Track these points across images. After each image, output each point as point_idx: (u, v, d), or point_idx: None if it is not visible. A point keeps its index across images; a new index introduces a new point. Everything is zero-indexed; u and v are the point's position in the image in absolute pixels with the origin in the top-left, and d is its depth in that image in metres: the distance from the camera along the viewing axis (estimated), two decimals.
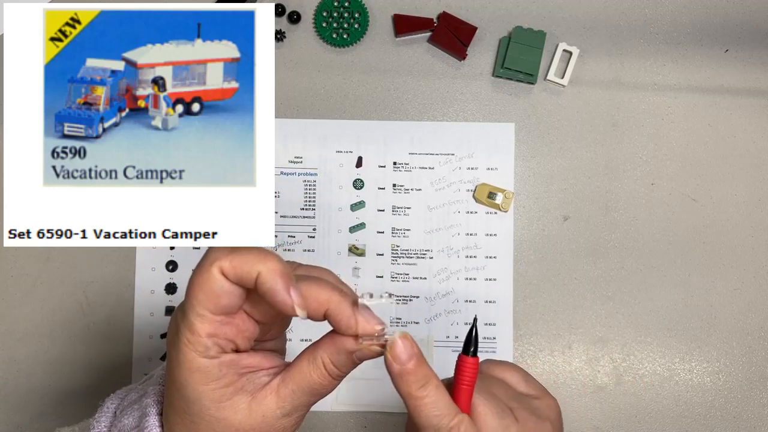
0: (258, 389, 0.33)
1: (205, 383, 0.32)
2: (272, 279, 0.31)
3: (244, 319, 0.33)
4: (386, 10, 0.59)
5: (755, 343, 0.57)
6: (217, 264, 0.31)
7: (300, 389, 0.34)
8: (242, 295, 0.32)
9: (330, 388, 0.35)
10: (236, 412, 0.33)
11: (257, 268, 0.31)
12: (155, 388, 0.36)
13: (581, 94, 0.59)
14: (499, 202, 0.57)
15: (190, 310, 0.31)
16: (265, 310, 0.33)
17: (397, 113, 0.59)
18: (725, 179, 0.58)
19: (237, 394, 0.33)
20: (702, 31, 0.59)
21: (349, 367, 0.35)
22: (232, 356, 0.33)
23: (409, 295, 0.57)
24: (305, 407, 0.35)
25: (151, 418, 0.34)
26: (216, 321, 0.32)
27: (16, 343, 0.57)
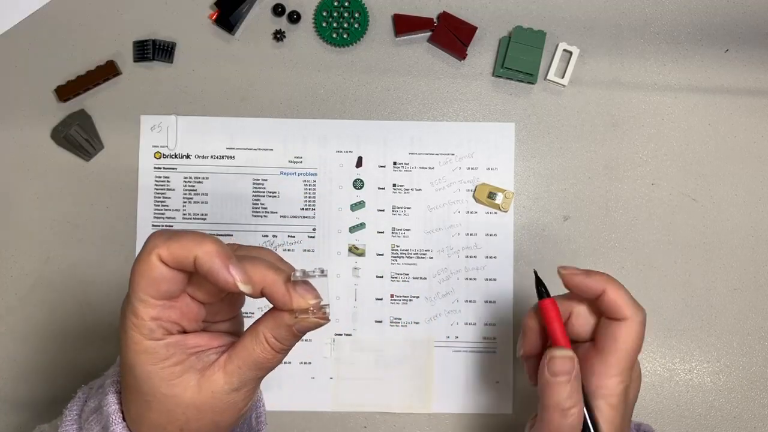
0: (206, 367, 0.35)
1: (153, 363, 0.34)
2: (210, 260, 0.32)
3: (188, 302, 0.35)
4: (386, 9, 0.59)
5: (755, 343, 0.57)
6: (155, 252, 0.33)
7: (246, 364, 0.35)
8: (183, 279, 0.34)
9: (275, 361, 0.36)
10: (186, 390, 0.34)
11: (194, 252, 0.32)
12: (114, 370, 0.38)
13: (581, 93, 0.59)
14: (499, 202, 0.57)
15: (134, 296, 0.33)
16: (208, 291, 0.35)
17: (397, 113, 0.59)
18: (725, 179, 0.58)
19: (186, 373, 0.34)
20: (702, 31, 0.59)
21: (291, 340, 0.36)
22: (178, 337, 0.34)
23: (409, 295, 0.57)
24: (253, 381, 0.36)
25: (109, 396, 0.36)
26: (158, 305, 0.33)
27: (16, 343, 0.57)
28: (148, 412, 0.35)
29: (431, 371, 0.57)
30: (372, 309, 0.57)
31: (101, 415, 0.36)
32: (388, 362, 0.57)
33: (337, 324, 0.57)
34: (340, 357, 0.57)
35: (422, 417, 0.57)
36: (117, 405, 0.36)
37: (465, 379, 0.57)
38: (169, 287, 0.34)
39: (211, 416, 0.35)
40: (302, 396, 0.57)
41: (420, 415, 0.57)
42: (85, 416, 0.38)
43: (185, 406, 0.34)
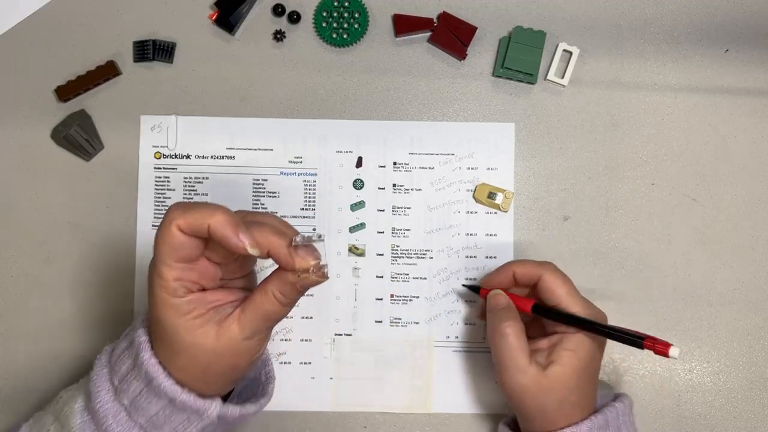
0: (223, 319, 0.41)
1: (178, 316, 0.40)
2: (222, 228, 0.38)
3: (206, 264, 0.41)
4: (386, 10, 0.59)
5: (755, 343, 0.57)
6: (174, 223, 0.38)
7: (257, 317, 0.41)
8: (199, 245, 0.40)
9: (282, 313, 0.42)
10: (206, 338, 0.40)
11: (207, 222, 0.38)
12: (142, 330, 0.42)
13: (581, 94, 0.59)
14: (499, 202, 0.57)
15: (158, 261, 0.39)
16: (222, 254, 0.41)
17: (397, 113, 0.59)
18: (725, 179, 0.58)
19: (206, 324, 0.40)
20: (702, 31, 0.59)
21: (295, 295, 0.41)
22: (198, 294, 0.40)
23: (409, 295, 0.57)
24: (264, 331, 0.42)
25: (139, 330, 0.42)
26: (179, 268, 0.39)
27: (16, 343, 0.57)
28: (175, 357, 0.40)
29: (431, 371, 0.57)
30: (372, 309, 0.57)
31: (132, 348, 0.42)
32: (388, 362, 0.57)
33: (337, 324, 0.57)
34: (340, 357, 0.57)
35: (422, 417, 0.57)
36: (146, 337, 0.42)
37: (465, 379, 0.57)
38: (188, 252, 0.39)
39: (228, 360, 0.41)
40: (302, 396, 0.57)
41: (420, 415, 0.57)
42: (115, 357, 0.43)
43: (206, 352, 0.40)
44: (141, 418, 0.42)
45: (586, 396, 0.48)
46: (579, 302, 0.48)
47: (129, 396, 0.42)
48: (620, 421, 0.48)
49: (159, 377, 0.40)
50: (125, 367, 0.42)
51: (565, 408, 0.47)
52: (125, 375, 0.42)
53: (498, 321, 0.49)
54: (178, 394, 0.41)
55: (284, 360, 0.57)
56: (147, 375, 0.41)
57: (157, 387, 0.41)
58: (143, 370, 0.41)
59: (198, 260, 0.40)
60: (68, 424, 0.43)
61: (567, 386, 0.47)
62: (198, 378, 0.41)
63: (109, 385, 0.42)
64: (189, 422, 0.42)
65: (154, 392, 0.41)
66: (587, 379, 0.48)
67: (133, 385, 0.41)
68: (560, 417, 0.47)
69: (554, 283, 0.49)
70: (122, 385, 0.42)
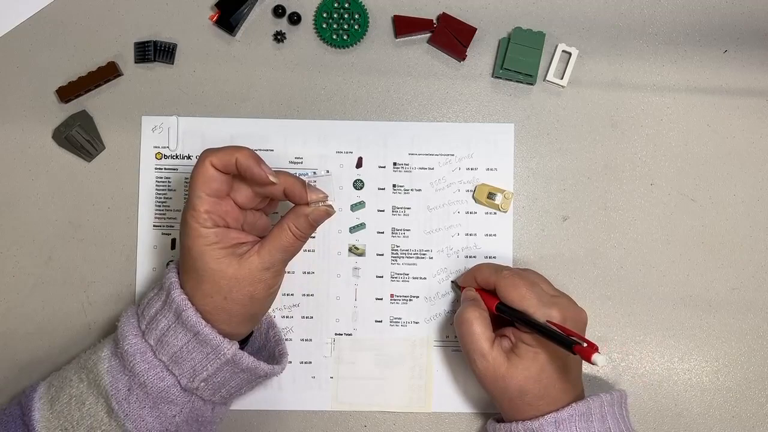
0: (244, 253, 0.47)
1: (206, 245, 0.46)
2: (246, 160, 0.46)
3: (232, 204, 0.48)
4: (386, 11, 0.59)
5: (754, 342, 0.57)
6: (208, 159, 0.46)
7: (275, 249, 0.47)
8: (228, 181, 0.47)
9: (296, 246, 0.48)
10: (229, 267, 0.46)
11: (235, 156, 0.46)
12: (173, 273, 0.48)
13: (580, 94, 0.59)
14: (499, 202, 0.57)
15: (193, 195, 0.46)
16: (246, 195, 0.48)
17: (397, 113, 0.59)
18: (724, 179, 0.58)
19: (229, 255, 0.46)
20: (701, 32, 0.59)
21: (308, 228, 0.48)
22: (224, 229, 0.47)
23: (409, 295, 0.58)
24: (280, 263, 0.48)
25: (170, 273, 0.48)
26: (210, 200, 0.46)
27: (16, 343, 0.58)
28: (201, 284, 0.46)
29: (431, 371, 0.57)
30: (372, 309, 0.58)
31: (161, 291, 0.48)
32: (388, 362, 0.57)
33: (337, 324, 0.57)
34: (340, 356, 0.57)
35: (422, 416, 0.57)
36: (176, 278, 0.48)
37: (464, 379, 0.57)
38: (218, 186, 0.46)
39: (247, 287, 0.47)
40: (302, 395, 0.57)
41: (420, 415, 0.57)
42: (143, 306, 0.49)
43: (228, 279, 0.46)
44: (165, 356, 0.46)
45: (552, 391, 0.49)
46: (533, 305, 0.48)
47: (156, 334, 0.47)
48: (605, 411, 0.49)
49: (188, 310, 0.46)
50: (154, 309, 0.48)
51: (529, 398, 0.48)
52: (154, 316, 0.47)
53: (463, 310, 0.51)
54: (202, 326, 0.46)
55: None
56: (176, 309, 0.46)
57: (185, 320, 0.46)
58: (173, 305, 0.46)
59: (225, 198, 0.47)
60: (95, 370, 0.48)
61: (528, 377, 0.48)
62: (220, 307, 0.46)
63: (137, 329, 0.48)
64: (207, 360, 0.46)
65: (182, 325, 0.46)
66: (551, 374, 0.49)
67: (162, 322, 0.47)
68: (525, 406, 0.49)
69: (506, 290, 0.50)
70: (150, 325, 0.47)
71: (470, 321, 0.50)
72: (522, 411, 0.49)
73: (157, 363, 0.47)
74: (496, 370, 0.49)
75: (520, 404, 0.49)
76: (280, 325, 0.57)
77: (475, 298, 0.52)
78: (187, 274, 0.47)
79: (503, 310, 0.50)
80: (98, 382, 0.47)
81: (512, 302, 0.49)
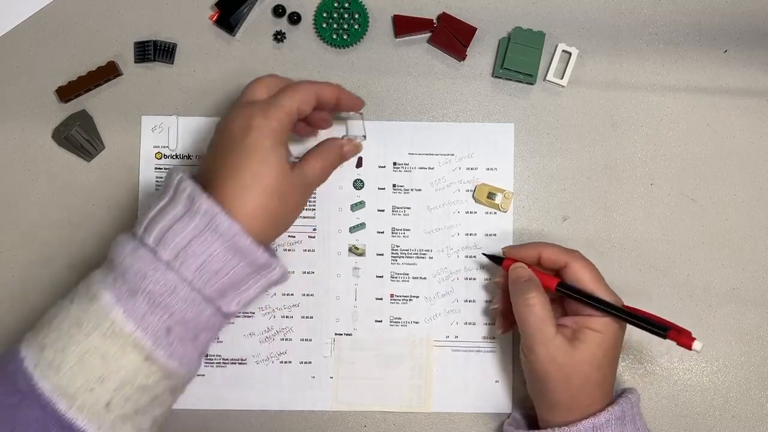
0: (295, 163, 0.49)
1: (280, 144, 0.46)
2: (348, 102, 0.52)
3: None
4: (386, 10, 0.59)
5: (754, 342, 0.57)
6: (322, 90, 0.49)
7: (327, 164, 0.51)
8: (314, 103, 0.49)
9: (329, 172, 0.51)
10: (292, 173, 0.47)
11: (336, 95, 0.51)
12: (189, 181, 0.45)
13: (580, 94, 0.59)
14: (499, 202, 0.57)
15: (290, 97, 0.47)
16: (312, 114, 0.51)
17: (397, 113, 0.59)
18: (724, 179, 0.58)
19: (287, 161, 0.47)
20: (701, 32, 0.59)
21: (336, 159, 0.52)
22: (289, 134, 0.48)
23: (409, 295, 0.58)
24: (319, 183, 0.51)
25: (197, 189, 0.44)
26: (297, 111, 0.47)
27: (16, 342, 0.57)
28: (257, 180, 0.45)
29: (431, 371, 0.57)
30: (372, 309, 0.58)
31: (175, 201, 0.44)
32: (388, 362, 0.57)
33: (337, 324, 0.57)
34: (340, 356, 0.57)
35: (422, 416, 0.57)
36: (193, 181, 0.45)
37: (465, 379, 0.57)
38: (308, 108, 0.48)
39: (299, 197, 0.49)
40: (302, 395, 0.57)
41: (420, 415, 0.57)
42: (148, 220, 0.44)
43: (289, 183, 0.46)
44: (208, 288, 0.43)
45: (607, 380, 0.49)
46: (603, 288, 0.49)
47: (175, 247, 0.43)
48: (634, 412, 0.49)
49: (237, 234, 0.43)
50: (168, 219, 0.43)
51: (588, 387, 0.48)
52: (169, 226, 0.43)
53: (522, 292, 0.49)
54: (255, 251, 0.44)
55: (284, 360, 0.57)
56: (207, 214, 0.43)
57: (237, 243, 0.43)
58: (201, 210, 0.43)
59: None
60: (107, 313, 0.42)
61: (592, 363, 0.47)
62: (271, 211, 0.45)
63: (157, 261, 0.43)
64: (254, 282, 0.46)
65: (232, 250, 0.43)
66: (610, 362, 0.49)
67: (183, 233, 0.43)
68: (583, 395, 0.48)
69: (580, 270, 0.49)
70: (167, 235, 0.43)
71: (534, 305, 0.48)
72: (577, 400, 0.48)
73: (199, 297, 0.43)
74: (561, 358, 0.47)
75: (578, 393, 0.48)
76: (280, 325, 0.57)
77: (532, 278, 0.50)
78: (235, 168, 0.45)
79: (570, 292, 0.49)
80: (121, 330, 0.42)
81: (584, 284, 0.49)
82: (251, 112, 0.46)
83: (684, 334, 0.46)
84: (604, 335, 0.48)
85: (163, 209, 0.44)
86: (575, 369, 0.47)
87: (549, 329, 0.48)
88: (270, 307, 0.57)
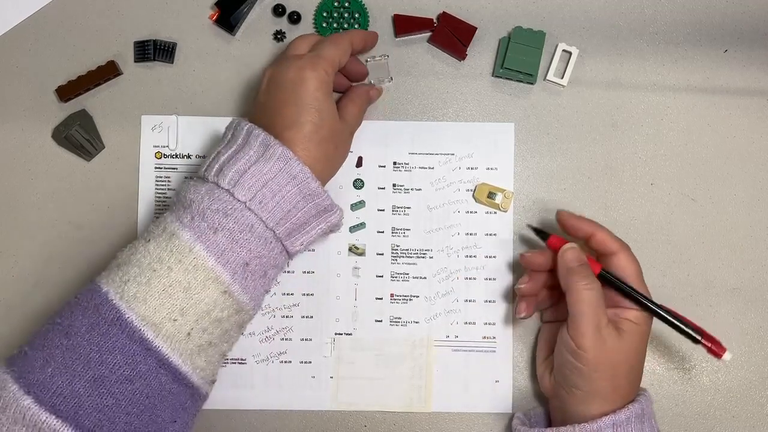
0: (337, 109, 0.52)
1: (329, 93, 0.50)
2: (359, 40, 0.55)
3: None
4: (386, 10, 0.59)
5: (754, 342, 0.57)
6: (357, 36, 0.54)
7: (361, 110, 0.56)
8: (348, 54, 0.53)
9: (361, 120, 0.56)
10: (339, 118, 0.51)
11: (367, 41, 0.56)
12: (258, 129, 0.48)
13: (581, 94, 0.59)
14: (499, 202, 0.57)
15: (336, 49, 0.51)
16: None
17: (397, 113, 0.59)
18: (724, 179, 0.58)
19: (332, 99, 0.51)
20: (701, 32, 0.59)
21: (366, 103, 0.56)
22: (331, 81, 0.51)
23: (409, 294, 0.58)
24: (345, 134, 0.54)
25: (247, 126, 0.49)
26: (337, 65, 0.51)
27: (16, 343, 0.57)
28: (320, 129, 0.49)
29: (431, 370, 0.57)
30: (372, 308, 0.58)
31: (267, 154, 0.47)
32: (388, 361, 0.57)
33: (337, 323, 0.57)
34: (340, 356, 0.57)
35: (422, 416, 0.57)
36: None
37: (465, 379, 0.57)
38: (346, 57, 0.53)
39: (347, 143, 0.54)
40: (302, 395, 0.57)
41: (420, 414, 0.57)
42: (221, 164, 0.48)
43: (340, 128, 0.51)
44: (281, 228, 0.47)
45: (637, 374, 0.50)
46: (643, 286, 0.50)
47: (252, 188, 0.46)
48: (651, 410, 0.50)
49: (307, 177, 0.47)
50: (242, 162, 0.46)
51: (632, 376, 0.49)
52: (245, 169, 0.46)
53: (581, 277, 0.49)
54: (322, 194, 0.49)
55: (284, 359, 0.57)
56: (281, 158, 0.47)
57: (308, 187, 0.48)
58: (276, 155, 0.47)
59: None
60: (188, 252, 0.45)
61: (634, 353, 0.49)
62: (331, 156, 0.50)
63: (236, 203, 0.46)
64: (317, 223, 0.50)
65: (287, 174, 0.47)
66: (639, 357, 0.50)
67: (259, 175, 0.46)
68: (626, 384, 0.49)
69: (628, 263, 0.50)
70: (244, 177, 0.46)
71: (593, 289, 0.48)
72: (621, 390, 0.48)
73: (272, 235, 0.47)
74: (611, 344, 0.48)
75: (623, 382, 0.48)
76: (280, 324, 0.57)
77: (585, 263, 0.50)
78: (295, 117, 0.48)
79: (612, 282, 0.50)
80: (203, 265, 0.45)
81: (628, 276, 0.50)
82: (302, 64, 0.49)
83: (715, 343, 0.48)
84: (641, 327, 0.49)
85: (235, 154, 0.47)
86: (621, 357, 0.48)
87: (603, 316, 0.48)
88: (270, 306, 0.57)
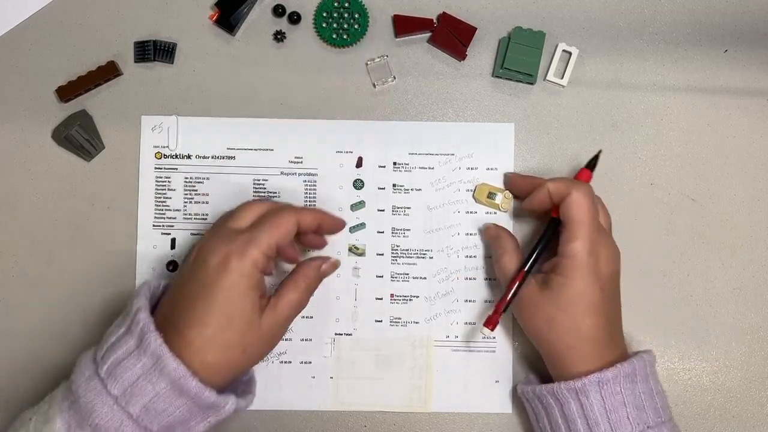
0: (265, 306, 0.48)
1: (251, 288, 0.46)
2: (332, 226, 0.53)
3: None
4: (386, 10, 0.59)
5: (754, 342, 0.57)
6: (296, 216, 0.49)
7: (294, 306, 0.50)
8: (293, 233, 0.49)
9: (306, 303, 0.51)
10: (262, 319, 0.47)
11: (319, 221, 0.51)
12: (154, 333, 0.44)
13: (580, 94, 0.59)
14: (499, 202, 0.57)
15: (261, 238, 0.46)
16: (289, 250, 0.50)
17: (397, 113, 0.59)
18: (724, 179, 0.58)
19: (262, 308, 0.47)
20: (701, 32, 0.59)
21: (316, 282, 0.51)
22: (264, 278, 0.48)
23: (409, 295, 0.58)
24: (285, 324, 0.50)
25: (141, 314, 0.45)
26: (274, 250, 0.47)
27: (16, 343, 0.57)
28: (223, 332, 0.45)
29: (431, 371, 0.57)
30: (372, 309, 0.58)
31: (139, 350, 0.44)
32: (388, 361, 0.57)
33: (337, 324, 0.57)
34: (340, 356, 0.57)
35: (422, 416, 0.57)
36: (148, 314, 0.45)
37: (465, 379, 0.57)
38: (290, 242, 0.48)
39: (266, 347, 0.49)
40: (302, 395, 0.57)
41: (420, 415, 0.57)
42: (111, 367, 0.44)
43: (259, 333, 0.47)
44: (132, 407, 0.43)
45: (604, 336, 0.49)
46: (593, 222, 0.49)
47: (123, 383, 0.43)
48: (647, 371, 0.49)
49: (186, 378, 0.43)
50: (121, 352, 0.44)
51: (581, 335, 0.48)
52: (120, 360, 0.44)
53: (494, 248, 0.54)
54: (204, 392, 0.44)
55: (284, 359, 0.57)
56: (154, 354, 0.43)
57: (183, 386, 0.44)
58: (150, 349, 0.44)
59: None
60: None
61: (580, 301, 0.48)
62: (231, 362, 0.46)
63: (107, 394, 0.44)
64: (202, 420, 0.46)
65: (178, 392, 0.44)
66: (604, 300, 0.49)
67: (146, 389, 0.43)
68: (582, 346, 0.48)
69: (578, 201, 0.49)
70: (117, 369, 0.44)
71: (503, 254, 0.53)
72: (580, 353, 0.48)
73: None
74: (532, 298, 0.50)
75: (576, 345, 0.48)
76: None
77: (499, 236, 0.54)
78: (200, 316, 0.45)
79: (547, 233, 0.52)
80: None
81: (578, 214, 0.49)
82: (229, 250, 0.46)
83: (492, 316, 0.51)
84: (566, 279, 0.48)
85: (120, 339, 0.45)
86: (551, 310, 0.48)
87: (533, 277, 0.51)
88: None
